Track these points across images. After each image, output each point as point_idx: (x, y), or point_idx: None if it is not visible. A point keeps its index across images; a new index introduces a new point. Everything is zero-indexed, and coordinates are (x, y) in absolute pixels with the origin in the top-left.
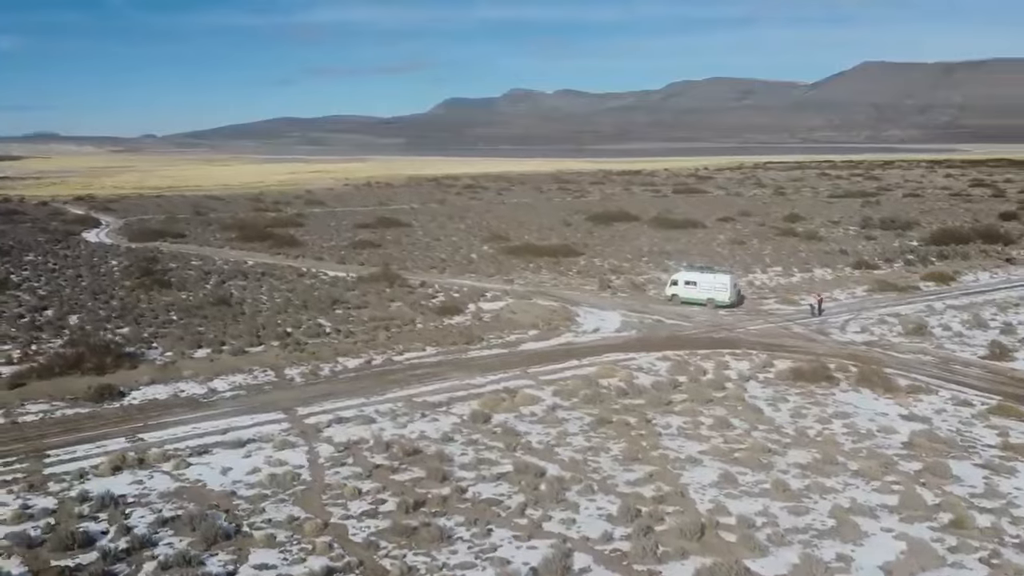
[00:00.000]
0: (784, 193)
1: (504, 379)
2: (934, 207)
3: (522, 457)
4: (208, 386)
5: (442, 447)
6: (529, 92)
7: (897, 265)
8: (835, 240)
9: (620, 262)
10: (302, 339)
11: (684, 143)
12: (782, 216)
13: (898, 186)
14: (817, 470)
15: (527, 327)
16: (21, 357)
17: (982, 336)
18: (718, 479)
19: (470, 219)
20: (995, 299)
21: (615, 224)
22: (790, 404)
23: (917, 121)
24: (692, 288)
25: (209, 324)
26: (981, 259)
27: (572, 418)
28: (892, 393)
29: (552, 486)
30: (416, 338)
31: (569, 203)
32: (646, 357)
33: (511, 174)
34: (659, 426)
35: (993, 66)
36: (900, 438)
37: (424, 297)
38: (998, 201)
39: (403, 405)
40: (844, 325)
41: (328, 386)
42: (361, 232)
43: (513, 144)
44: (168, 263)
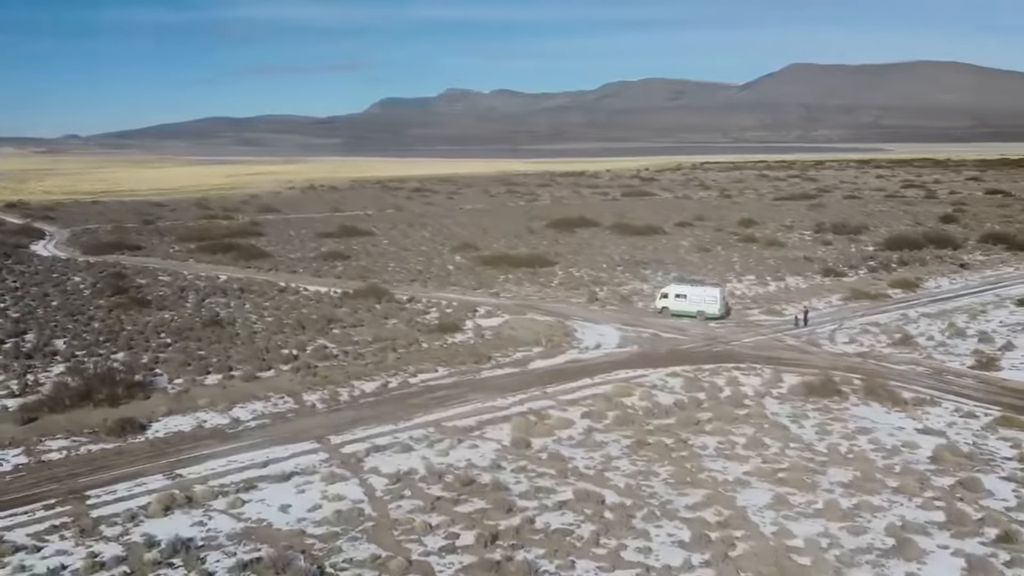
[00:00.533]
0: (730, 196)
1: (525, 400)
2: (875, 210)
3: (577, 484)
4: (230, 415)
5: (495, 476)
6: (466, 92)
7: (862, 272)
8: (795, 246)
9: (596, 272)
10: (311, 362)
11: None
12: (736, 221)
13: (835, 187)
14: (860, 488)
15: (530, 344)
16: (23, 389)
17: (963, 345)
18: (772, 501)
19: (431, 226)
20: (961, 306)
21: (577, 231)
22: (812, 420)
23: (843, 121)
24: (682, 301)
25: (208, 348)
26: (937, 265)
27: (610, 441)
28: (900, 406)
29: (616, 513)
30: (425, 358)
31: (524, 208)
32: (656, 374)
33: (455, 176)
34: (696, 447)
35: (912, 68)
36: (925, 453)
37: (417, 313)
38: (932, 203)
39: (435, 431)
40: (832, 336)
41: (352, 412)
42: (325, 242)
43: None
44: (136, 279)
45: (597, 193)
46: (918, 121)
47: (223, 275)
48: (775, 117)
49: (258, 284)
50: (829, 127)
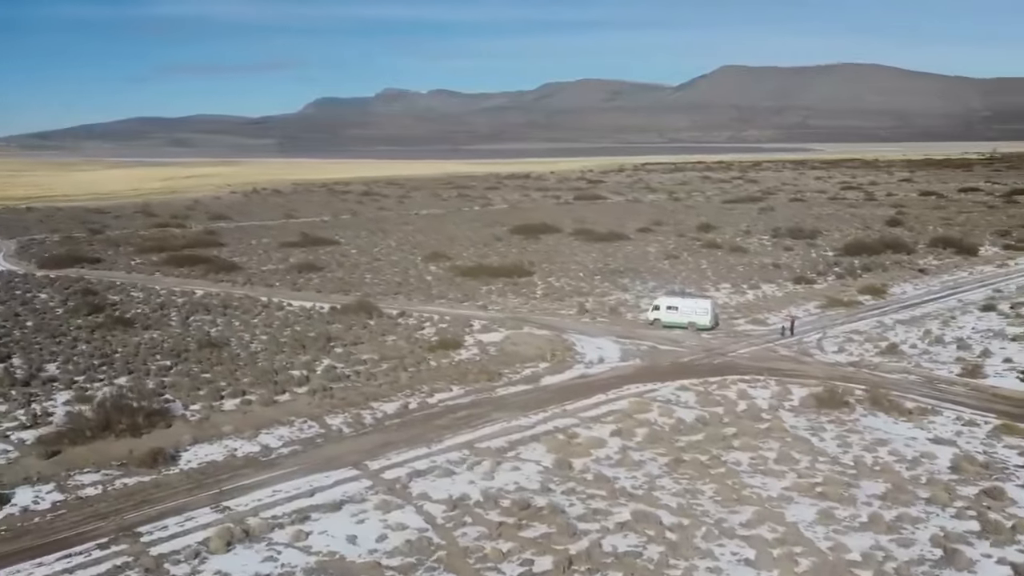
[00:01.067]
0: (679, 199)
1: (548, 418)
2: (822, 213)
3: (630, 504)
4: (258, 442)
5: (549, 499)
6: (403, 92)
7: (830, 279)
8: (759, 252)
9: (575, 282)
10: (326, 384)
11: (559, 143)
12: (695, 226)
13: (778, 189)
14: (895, 500)
15: (535, 359)
16: (33, 420)
17: (945, 353)
18: (818, 516)
19: (394, 234)
20: (930, 312)
21: (541, 237)
22: (830, 433)
23: (773, 122)
24: (674, 313)
25: (212, 370)
26: (898, 270)
27: (647, 460)
28: (906, 416)
29: (677, 534)
30: (437, 377)
31: (481, 213)
32: (666, 388)
33: (400, 179)
34: (730, 463)
35: (838, 70)
36: (943, 463)
37: (412, 329)
38: (873, 205)
39: (470, 453)
40: (820, 345)
41: (380, 435)
42: (292, 252)
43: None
44: (108, 296)
45: (549, 196)
46: (844, 121)
47: (199, 290)
48: (708, 118)
49: (238, 300)
50: (760, 128)
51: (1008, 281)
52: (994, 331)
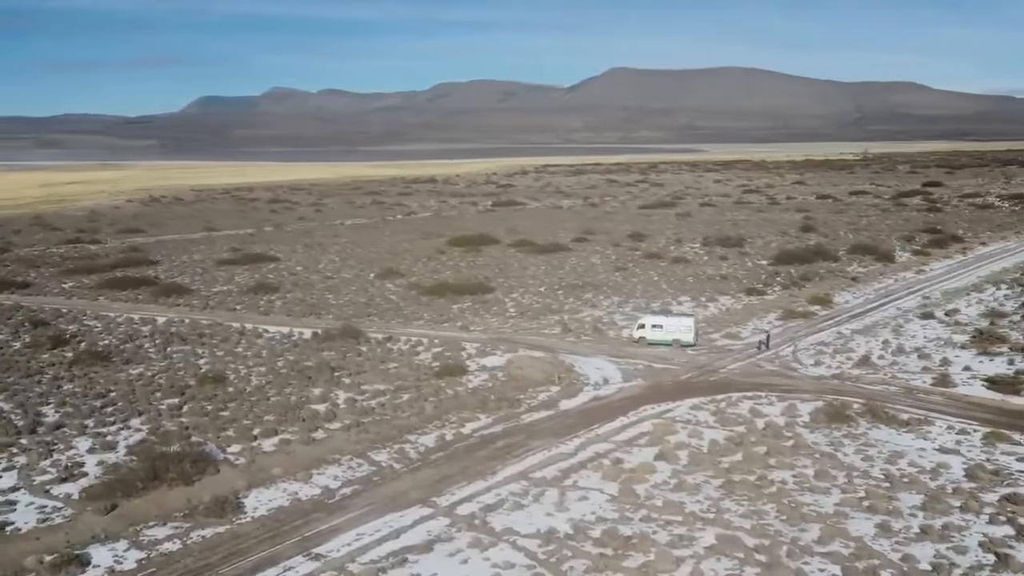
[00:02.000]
0: (595, 204)
1: (584, 444)
2: (737, 219)
3: (708, 528)
4: (316, 484)
5: (632, 528)
6: (292, 91)
7: (777, 289)
8: (699, 263)
9: (540, 298)
10: (356, 419)
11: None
12: (626, 234)
13: (685, 193)
14: (934, 510)
15: (544, 383)
16: (67, 473)
17: (911, 363)
18: (878, 529)
19: (331, 248)
20: (878, 321)
21: (483, 249)
22: (849, 448)
23: (662, 123)
24: (659, 331)
25: (227, 408)
26: (833, 279)
27: (700, 483)
28: (905, 427)
29: (764, 555)
30: (460, 406)
31: (408, 223)
32: (679, 408)
33: (305, 183)
34: (777, 481)
35: (722, 74)
36: (958, 472)
37: (407, 355)
38: (780, 209)
39: (528, 484)
40: (796, 357)
41: (432, 470)
42: (234, 271)
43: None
44: (61, 325)
45: (466, 203)
46: (728, 123)
47: (159, 317)
48: (599, 119)
49: (208, 327)
50: (649, 129)
51: (930, 287)
52: (943, 339)
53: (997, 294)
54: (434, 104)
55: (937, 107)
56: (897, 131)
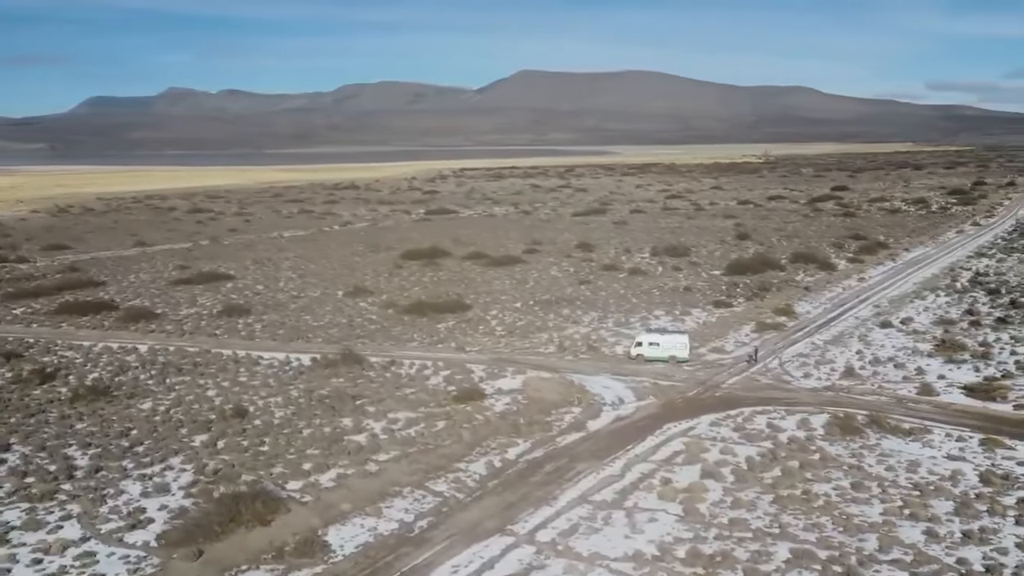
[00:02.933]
0: (528, 212)
1: (627, 465)
2: (671, 225)
3: (779, 543)
4: (390, 518)
5: (711, 546)
6: (190, 91)
7: (741, 301)
8: (656, 274)
9: (521, 315)
10: (401, 449)
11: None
12: (573, 245)
13: (612, 199)
14: (966, 515)
15: (564, 405)
16: (135, 521)
17: (890, 372)
18: (926, 535)
19: (282, 264)
20: (844, 331)
21: (440, 263)
22: (870, 459)
23: (570, 125)
24: (656, 348)
25: (264, 443)
26: (787, 289)
27: (752, 499)
28: (910, 436)
29: (839, 565)
30: (493, 431)
31: (351, 235)
32: (699, 425)
33: (219, 190)
34: (821, 495)
35: (627, 77)
36: (973, 478)
37: (418, 380)
38: (708, 216)
39: (592, 507)
40: (785, 370)
41: (495, 498)
42: (192, 291)
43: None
44: (37, 358)
45: (398, 211)
46: (634, 125)
47: (140, 345)
48: (509, 121)
49: (196, 355)
50: (559, 131)
51: (876, 295)
52: (909, 348)
53: (939, 301)
54: (341, 105)
55: (827, 110)
56: (792, 133)
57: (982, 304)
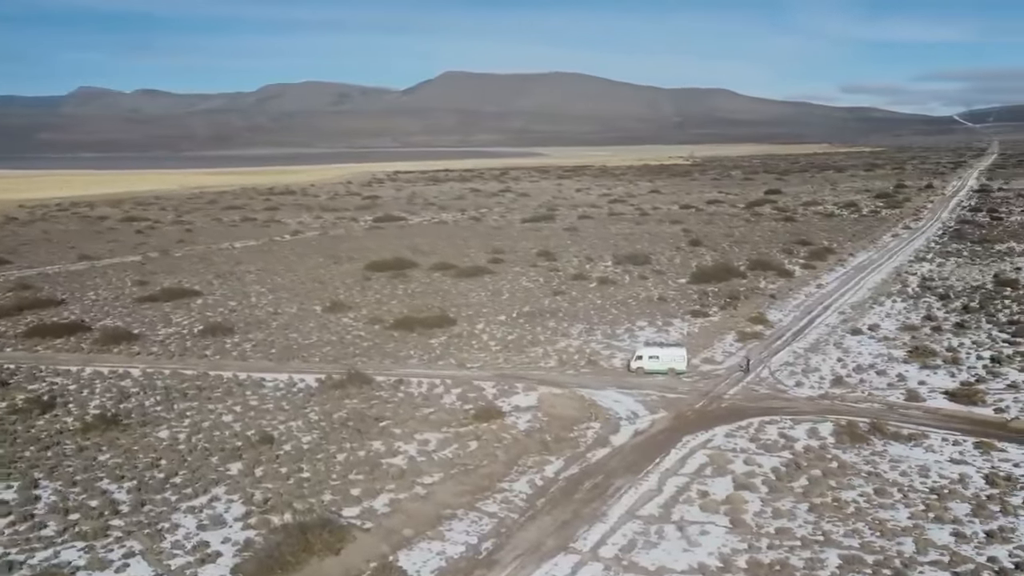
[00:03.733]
0: (477, 218)
1: (661, 479)
2: (623, 232)
3: (827, 550)
4: (454, 541)
5: (767, 555)
6: (102, 91)
7: (715, 310)
8: (625, 284)
9: (508, 328)
10: (443, 471)
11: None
12: (534, 253)
13: (557, 204)
14: (982, 515)
15: (582, 420)
16: (202, 556)
17: (874, 380)
18: (954, 536)
19: (244, 277)
20: (819, 340)
21: (408, 274)
22: (883, 465)
23: (497, 126)
24: (656, 361)
25: (303, 469)
26: (755, 297)
27: (790, 508)
28: (912, 442)
29: (888, 569)
30: (525, 449)
31: (305, 245)
32: (716, 437)
33: (147, 195)
34: (850, 501)
35: (551, 79)
36: (979, 480)
37: (432, 399)
38: (655, 222)
39: (641, 521)
40: (777, 379)
41: (547, 517)
42: (166, 310)
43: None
44: (26, 385)
45: (345, 218)
46: (560, 126)
47: (132, 369)
48: (436, 122)
49: (195, 378)
50: (486, 132)
51: (836, 302)
52: (885, 355)
53: (897, 307)
54: (263, 106)
55: (747, 112)
56: (714, 134)
57: (937, 310)
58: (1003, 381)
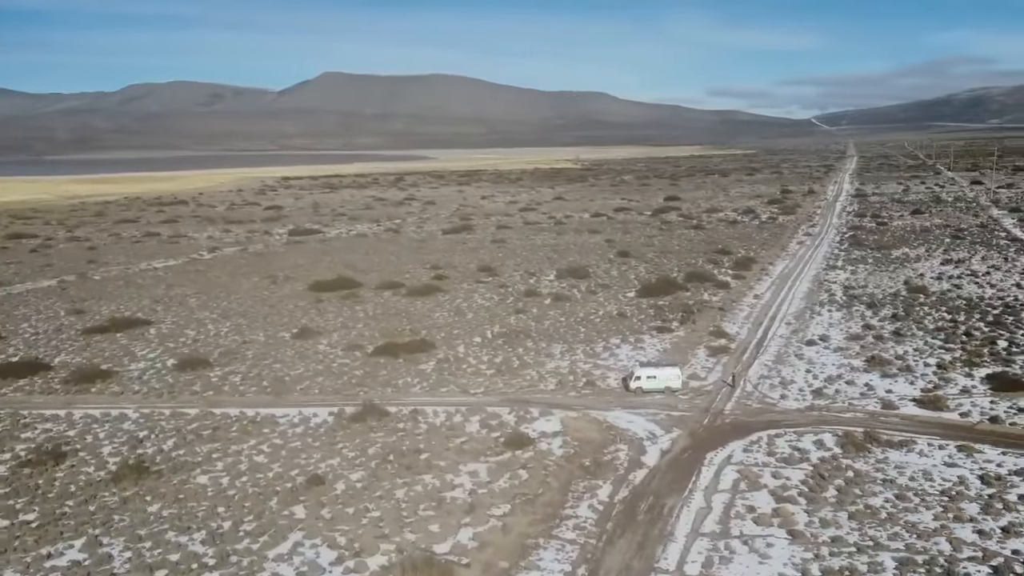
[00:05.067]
0: (395, 230)
1: (706, 495)
2: (549, 243)
3: (882, 554)
4: (548, 570)
5: (840, 562)
6: None
7: (676, 325)
8: (579, 300)
9: (493, 352)
10: (508, 502)
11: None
12: (473, 267)
13: (466, 212)
14: (991, 512)
15: (610, 443)
16: None
17: (848, 390)
18: (978, 534)
19: (189, 302)
20: (780, 351)
21: (357, 294)
22: (891, 472)
23: (379, 129)
24: (653, 380)
25: (377, 508)
26: (707, 311)
27: (832, 517)
28: (905, 448)
29: (938, 567)
30: (571, 475)
31: (235, 264)
32: (735, 452)
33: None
34: (879, 507)
35: (432, 80)
36: (976, 481)
37: (455, 428)
38: (573, 231)
39: (708, 538)
40: (761, 392)
41: (622, 541)
42: (122, 342)
43: None
44: (16, 433)
45: (257, 232)
46: (443, 128)
47: (126, 411)
48: (316, 124)
49: (203, 418)
50: (368, 135)
51: (779, 312)
52: (847, 365)
53: (835, 316)
54: (128, 107)
55: (622, 114)
56: (594, 136)
57: (871, 319)
58: (955, 386)
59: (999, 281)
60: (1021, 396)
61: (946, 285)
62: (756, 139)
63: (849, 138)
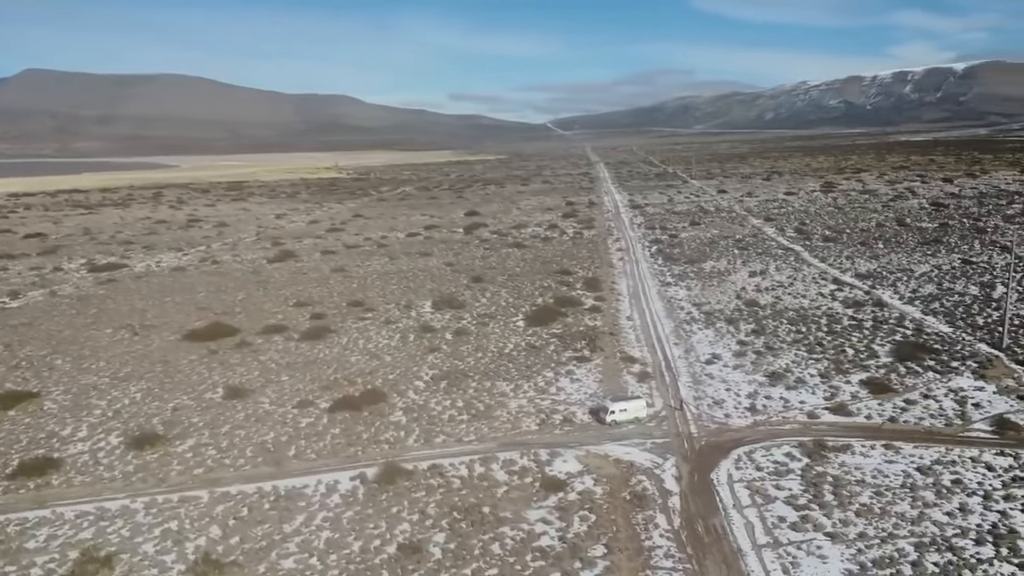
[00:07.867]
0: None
1: (741, 512)
2: (389, 268)
3: (902, 542)
4: None
5: (879, 552)
6: None
7: (587, 353)
8: (480, 334)
9: (448, 397)
10: (597, 544)
11: None
12: (342, 303)
13: (273, 236)
14: (944, 496)
15: (630, 476)
16: None
17: (772, 404)
18: (947, 516)
19: (60, 363)
20: (692, 373)
21: (248, 342)
22: (856, 474)
23: (103, 133)
24: (625, 413)
25: (482, 570)
26: (601, 337)
27: (853, 519)
28: (849, 451)
29: (944, 542)
30: (626, 512)
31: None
32: (733, 472)
33: None
34: (871, 504)
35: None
36: (916, 473)
37: (489, 481)
38: (404, 256)
39: (770, 552)
40: (706, 413)
41: (709, 563)
42: (28, 423)
43: None
44: (23, 546)
45: (45, 268)
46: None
47: (131, 503)
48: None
49: (223, 500)
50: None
51: (657, 332)
52: (756, 381)
53: (708, 334)
54: None
55: (369, 118)
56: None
57: (738, 334)
58: (846, 394)
59: (805, 291)
60: (893, 396)
61: (769, 298)
62: (501, 143)
63: (585, 142)
